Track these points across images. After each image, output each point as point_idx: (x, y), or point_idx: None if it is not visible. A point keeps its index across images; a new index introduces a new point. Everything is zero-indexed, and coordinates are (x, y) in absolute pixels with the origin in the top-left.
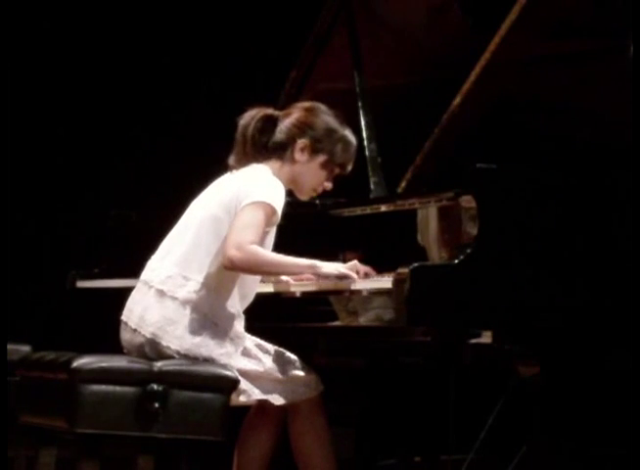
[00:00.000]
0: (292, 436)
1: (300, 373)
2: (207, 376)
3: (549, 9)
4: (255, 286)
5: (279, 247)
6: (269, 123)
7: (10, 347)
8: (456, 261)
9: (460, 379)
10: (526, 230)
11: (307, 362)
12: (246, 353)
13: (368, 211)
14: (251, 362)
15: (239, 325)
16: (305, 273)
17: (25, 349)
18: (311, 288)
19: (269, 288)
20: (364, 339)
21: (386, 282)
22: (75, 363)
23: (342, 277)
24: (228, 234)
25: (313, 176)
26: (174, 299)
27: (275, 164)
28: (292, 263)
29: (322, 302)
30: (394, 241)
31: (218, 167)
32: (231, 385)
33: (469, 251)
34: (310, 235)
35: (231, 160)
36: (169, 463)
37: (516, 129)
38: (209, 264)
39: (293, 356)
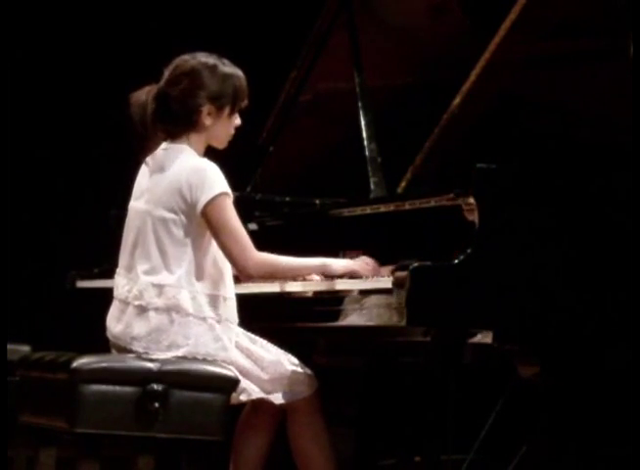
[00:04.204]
0: (291, 437)
1: (299, 370)
2: (208, 376)
3: (549, 9)
4: (224, 263)
5: (279, 247)
6: (161, 98)
7: (10, 347)
8: (456, 261)
9: (460, 379)
10: (526, 230)
11: (306, 362)
12: (244, 351)
13: (368, 211)
14: (249, 360)
15: (227, 309)
16: (316, 273)
17: (25, 349)
18: (320, 287)
19: (272, 288)
20: (364, 339)
21: (385, 282)
22: (75, 363)
23: (353, 275)
24: (225, 247)
25: (226, 128)
26: (157, 309)
27: (188, 138)
28: (304, 265)
29: (322, 302)
30: (394, 241)
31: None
32: (231, 385)
33: (469, 251)
34: (310, 235)
35: (138, 152)
36: (169, 463)
37: (516, 129)
38: (177, 266)
39: (290, 355)
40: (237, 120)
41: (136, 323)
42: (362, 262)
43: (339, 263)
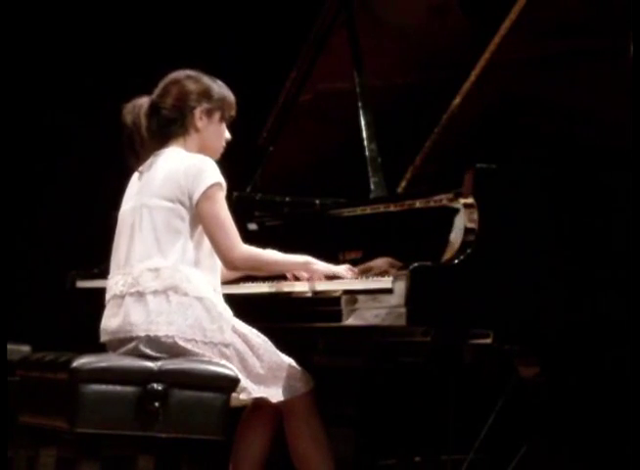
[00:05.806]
0: (288, 437)
1: (295, 366)
2: (208, 375)
3: (549, 9)
4: (214, 257)
5: (279, 247)
6: (154, 108)
7: (10, 347)
8: (456, 261)
9: (460, 379)
10: (526, 230)
11: (306, 362)
12: (241, 337)
13: (368, 211)
14: (245, 345)
15: (219, 299)
16: (299, 270)
17: (25, 349)
18: (321, 287)
19: (269, 288)
20: (364, 339)
21: (385, 282)
22: (75, 363)
23: (334, 277)
24: (213, 237)
25: (218, 134)
26: (155, 292)
27: (181, 142)
28: (288, 261)
29: (322, 302)
30: (394, 241)
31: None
32: (231, 384)
33: (469, 251)
34: (310, 235)
35: (131, 161)
36: (169, 463)
37: (516, 129)
38: (171, 252)
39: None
40: (227, 134)
41: (134, 310)
42: (345, 267)
43: (321, 263)
